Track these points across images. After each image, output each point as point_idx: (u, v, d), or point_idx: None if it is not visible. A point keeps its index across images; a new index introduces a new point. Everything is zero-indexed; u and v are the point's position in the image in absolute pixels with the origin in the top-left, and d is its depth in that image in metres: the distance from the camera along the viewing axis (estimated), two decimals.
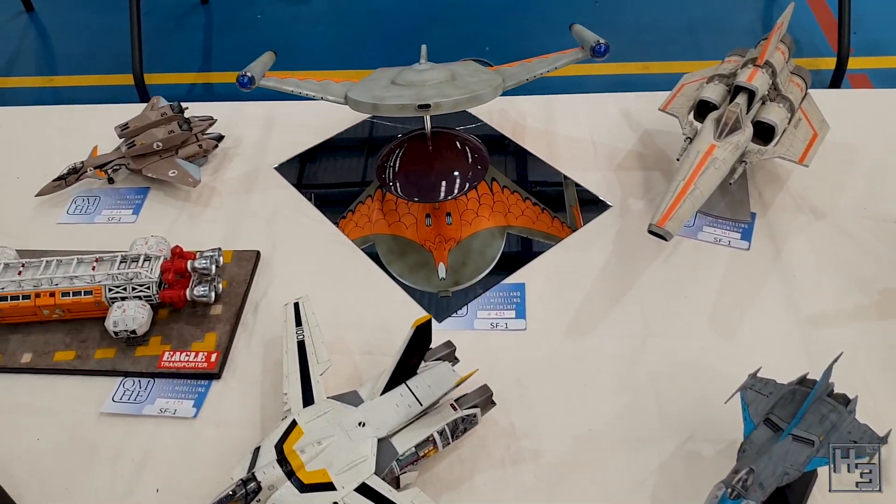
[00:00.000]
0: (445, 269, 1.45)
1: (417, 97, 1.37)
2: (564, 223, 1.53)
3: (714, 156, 1.28)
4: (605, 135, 1.66)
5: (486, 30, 3.30)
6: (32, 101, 3.14)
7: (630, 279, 1.37)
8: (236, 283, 1.39)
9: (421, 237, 1.51)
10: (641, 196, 1.52)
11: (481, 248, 1.49)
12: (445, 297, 1.41)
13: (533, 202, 1.59)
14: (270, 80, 1.45)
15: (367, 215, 1.59)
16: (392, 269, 1.46)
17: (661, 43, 3.06)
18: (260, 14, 3.56)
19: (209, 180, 1.61)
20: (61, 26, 3.68)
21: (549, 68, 1.44)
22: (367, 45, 3.29)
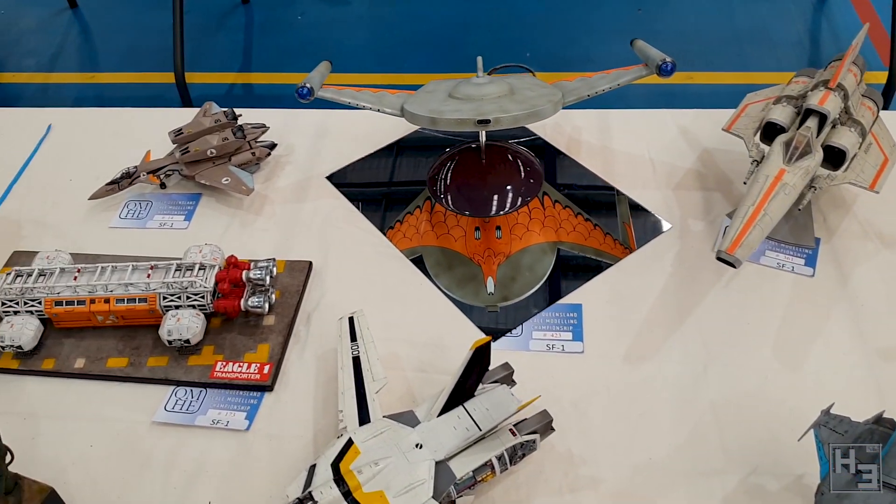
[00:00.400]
0: (494, 283, 1.43)
1: (477, 112, 1.35)
2: (617, 241, 1.50)
3: (784, 181, 1.24)
4: (663, 152, 1.63)
5: (527, 36, 3.28)
6: (74, 97, 3.23)
7: (690, 303, 1.33)
8: (289, 293, 1.38)
9: (470, 250, 1.49)
10: (702, 217, 1.48)
11: (531, 263, 1.47)
12: (493, 311, 1.39)
13: (585, 218, 1.56)
14: (328, 92, 1.43)
15: (416, 227, 1.57)
16: (439, 282, 1.44)
17: (705, 53, 3.03)
18: (300, 15, 3.58)
19: (261, 188, 1.60)
20: (104, 23, 3.72)
21: (610, 85, 1.41)
22: (407, 50, 3.29)
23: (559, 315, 1.35)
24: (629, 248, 1.48)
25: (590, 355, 1.28)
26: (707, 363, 1.25)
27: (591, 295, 1.37)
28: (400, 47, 3.33)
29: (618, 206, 1.57)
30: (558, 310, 1.36)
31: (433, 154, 1.65)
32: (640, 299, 1.35)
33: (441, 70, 3.09)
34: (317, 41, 3.38)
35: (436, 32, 3.39)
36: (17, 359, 1.30)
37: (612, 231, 1.52)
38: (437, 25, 3.44)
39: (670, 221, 1.49)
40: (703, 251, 1.42)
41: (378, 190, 1.66)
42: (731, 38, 3.13)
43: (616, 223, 1.53)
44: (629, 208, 1.55)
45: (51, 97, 3.28)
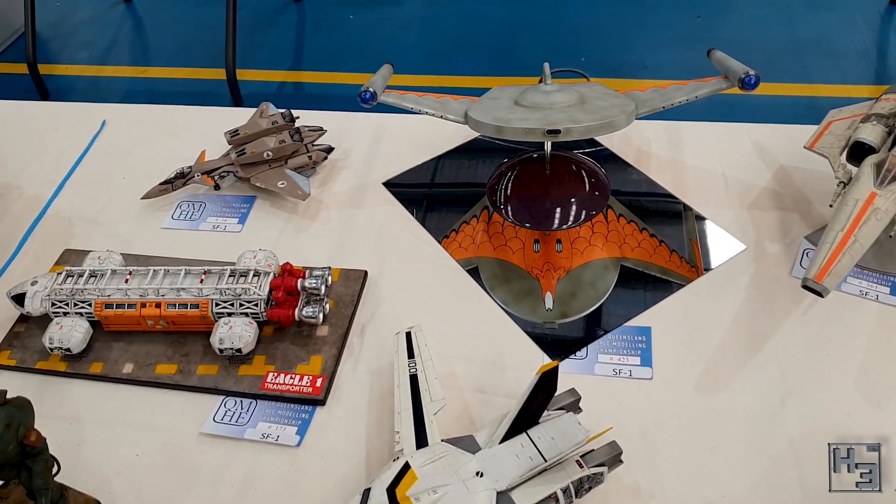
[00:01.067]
0: (553, 299, 1.36)
1: (546, 121, 1.28)
2: (683, 259, 1.43)
3: (875, 205, 1.16)
4: (736, 168, 1.55)
5: (581, 40, 3.24)
6: (125, 91, 3.27)
7: (766, 330, 1.26)
8: (343, 303, 1.33)
9: (528, 264, 1.43)
10: (778, 239, 1.40)
11: (592, 279, 1.41)
12: (551, 328, 1.33)
13: (650, 234, 1.49)
14: (390, 96, 1.38)
15: (472, 237, 1.51)
16: (495, 296, 1.39)
17: (766, 63, 2.87)
18: (352, 15, 3.57)
19: (317, 193, 1.56)
20: (156, 18, 3.76)
21: (687, 97, 1.34)
22: (458, 51, 3.26)
23: (627, 338, 1.28)
24: (695, 266, 1.41)
25: (659, 382, 1.21)
26: (785, 395, 1.17)
27: (661, 317, 1.30)
28: (451, 49, 3.30)
29: (684, 222, 1.50)
30: (626, 332, 1.29)
31: (492, 162, 1.60)
32: (712, 324, 1.28)
33: (493, 73, 3.11)
34: (367, 41, 3.38)
35: (488, 34, 3.36)
36: (65, 361, 1.27)
37: (678, 248, 1.45)
38: (489, 27, 3.40)
39: (745, 242, 1.41)
40: (779, 275, 1.34)
41: (435, 198, 1.61)
42: (792, 49, 3.06)
43: (682, 240, 1.46)
44: (696, 225, 1.48)
45: (102, 91, 3.32)
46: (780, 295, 1.30)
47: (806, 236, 1.39)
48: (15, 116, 1.87)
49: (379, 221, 1.50)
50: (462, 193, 1.63)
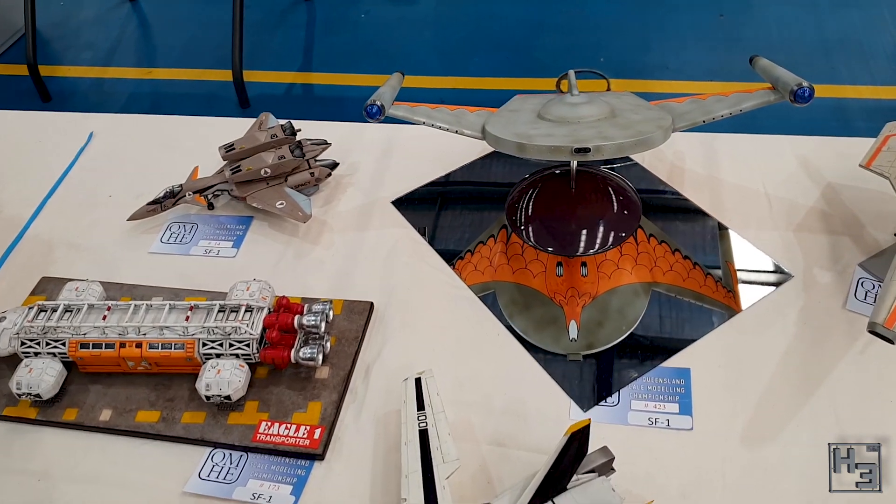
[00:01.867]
0: (577, 328, 1.23)
1: (574, 138, 1.15)
2: (719, 283, 1.29)
3: None
4: (780, 186, 1.40)
5: (601, 40, 3.13)
6: (129, 93, 3.18)
7: (820, 372, 1.11)
8: (346, 340, 1.20)
9: (550, 289, 1.30)
10: (829, 266, 1.26)
11: (621, 306, 1.27)
12: (575, 360, 1.19)
13: (683, 255, 1.36)
14: (400, 109, 1.25)
15: (489, 258, 1.38)
16: (514, 324, 1.25)
17: (792, 64, 2.71)
18: (364, 14, 3.47)
19: (319, 213, 1.43)
20: (162, 18, 3.69)
21: (731, 110, 1.20)
22: (474, 52, 3.16)
23: (663, 381, 1.14)
24: (732, 291, 1.27)
25: (700, 433, 1.07)
26: (841, 437, 1.03)
27: (701, 357, 1.16)
28: (466, 49, 3.20)
29: (719, 241, 1.36)
30: (662, 374, 1.15)
31: (513, 176, 1.47)
32: (759, 364, 1.14)
33: (510, 74, 3.02)
34: (380, 41, 3.28)
35: (504, 34, 3.26)
36: (35, 406, 1.14)
37: (713, 272, 1.31)
38: (505, 26, 3.30)
39: (792, 270, 1.27)
40: (832, 308, 1.20)
41: (449, 217, 1.47)
42: (819, 49, 2.95)
43: (718, 262, 1.33)
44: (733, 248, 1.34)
45: (105, 93, 3.24)
46: (833, 331, 1.16)
47: (860, 263, 1.25)
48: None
49: (387, 245, 1.37)
50: (479, 211, 1.49)
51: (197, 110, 2.97)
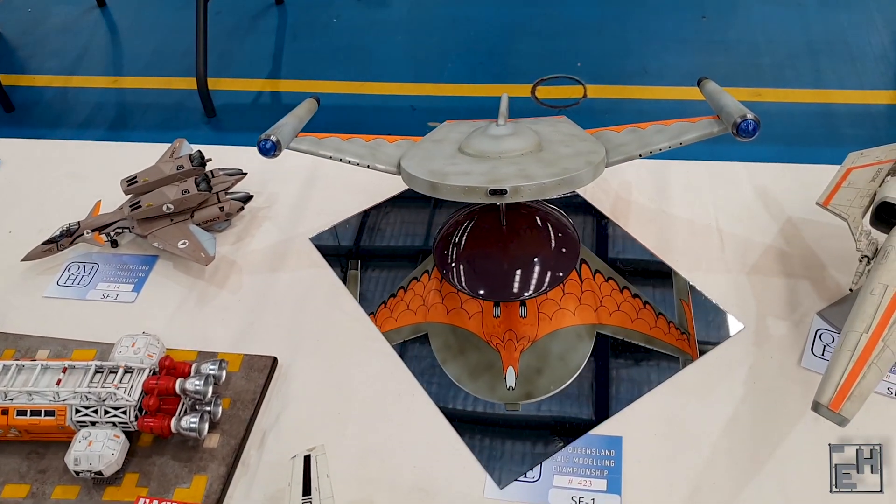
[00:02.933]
0: (515, 375, 1.12)
1: (491, 177, 1.02)
2: (672, 323, 1.17)
3: None
4: (735, 221, 1.28)
5: (579, 43, 3.02)
6: (94, 102, 3.07)
7: (769, 443, 0.99)
8: (241, 403, 1.08)
9: (487, 331, 1.18)
10: (785, 315, 1.13)
11: (562, 352, 1.16)
12: (513, 411, 1.09)
13: (632, 293, 1.23)
14: (304, 143, 1.13)
15: (422, 296, 1.26)
16: (448, 370, 1.14)
17: (777, 67, 2.76)
18: (336, 18, 3.38)
19: (229, 252, 1.30)
20: (132, 24, 3.58)
21: (669, 143, 1.07)
22: (448, 57, 3.06)
23: (592, 452, 1.02)
24: (686, 333, 1.16)
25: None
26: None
27: (636, 422, 1.04)
28: (440, 54, 3.10)
29: (674, 279, 1.24)
30: (591, 443, 1.03)
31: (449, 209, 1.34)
32: (700, 433, 1.01)
33: (485, 80, 2.91)
34: (351, 46, 3.18)
35: (479, 38, 3.16)
36: None
37: (665, 311, 1.19)
38: (481, 31, 3.20)
39: (743, 320, 1.14)
40: (786, 365, 1.08)
41: (375, 255, 1.34)
42: (805, 51, 2.86)
43: (671, 301, 1.21)
44: (688, 285, 1.22)
45: (70, 102, 3.13)
46: (786, 393, 1.04)
47: (819, 312, 1.13)
48: None
49: (300, 289, 1.24)
50: (410, 245, 1.37)
51: (163, 121, 2.91)
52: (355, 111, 2.73)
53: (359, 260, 1.32)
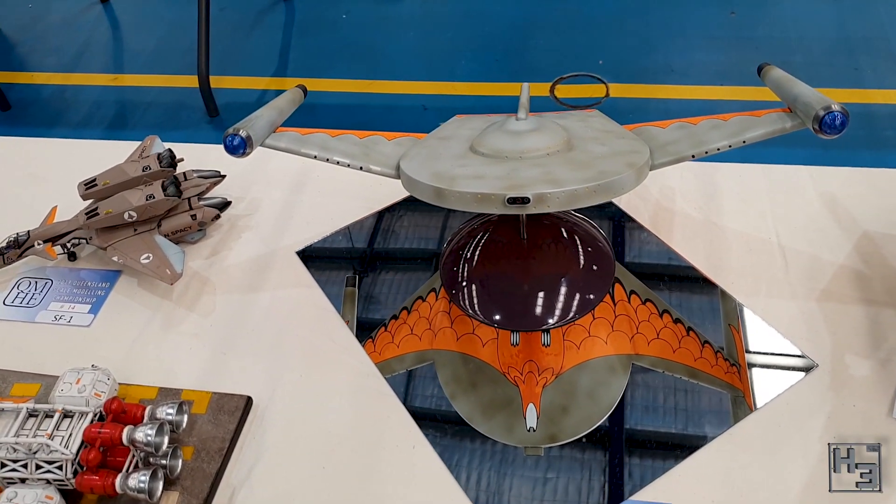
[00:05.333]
0: (537, 414, 0.95)
1: (509, 183, 0.83)
2: (720, 352, 0.99)
3: None
4: (799, 235, 1.08)
5: (599, 40, 2.90)
6: (93, 101, 2.98)
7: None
8: (207, 453, 0.89)
9: (503, 362, 1.01)
10: (868, 353, 0.94)
11: (592, 386, 0.98)
12: (535, 455, 0.91)
13: (674, 318, 1.05)
14: (283, 139, 0.95)
15: (428, 318, 1.08)
16: (457, 407, 0.97)
17: (811, 65, 2.62)
18: (345, 14, 3.27)
19: (202, 267, 1.12)
20: (134, 19, 3.49)
21: (730, 142, 0.88)
22: (462, 53, 2.94)
23: None
24: (736, 365, 0.97)
25: None
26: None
27: (685, 484, 0.84)
28: (453, 51, 2.98)
29: (721, 302, 1.05)
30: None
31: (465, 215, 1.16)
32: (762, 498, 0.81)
33: (500, 79, 2.78)
34: (360, 43, 3.07)
35: (495, 35, 3.04)
36: None
37: (712, 339, 1.01)
38: (496, 26, 3.08)
39: (816, 357, 0.94)
40: (872, 414, 0.88)
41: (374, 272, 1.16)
42: (841, 48, 2.72)
43: (718, 326, 1.03)
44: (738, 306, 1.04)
45: (67, 101, 3.02)
46: None
47: None
48: None
49: (283, 313, 1.06)
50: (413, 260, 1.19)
51: (163, 120, 2.84)
52: (364, 111, 2.61)
53: (356, 276, 1.14)
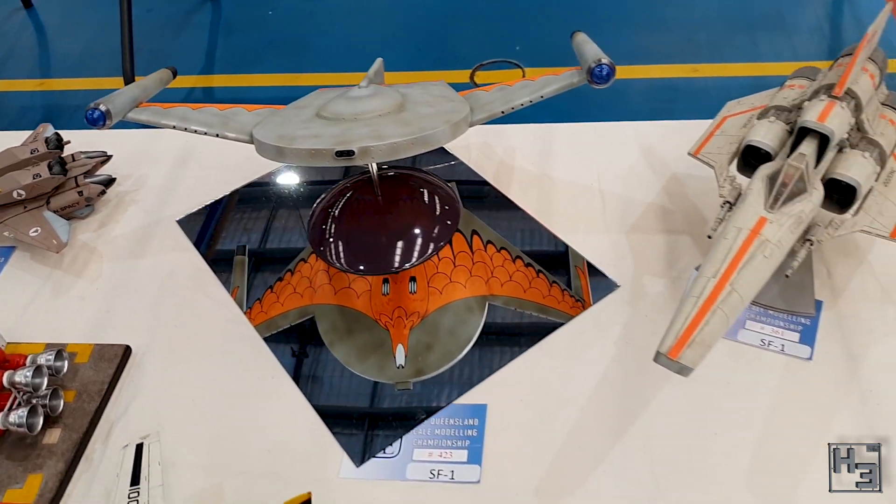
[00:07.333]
0: (405, 352, 1.07)
1: (340, 139, 0.96)
2: (566, 290, 1.13)
3: (763, 236, 0.85)
4: (616, 181, 1.23)
5: (519, 27, 2.97)
6: (19, 107, 2.96)
7: (636, 403, 0.95)
8: (88, 394, 1.01)
9: (375, 310, 1.13)
10: (663, 273, 1.09)
11: (453, 325, 1.11)
12: (405, 390, 1.03)
13: (525, 262, 1.19)
14: (145, 113, 1.06)
15: (310, 278, 1.20)
16: (335, 353, 1.09)
17: (714, 43, 2.72)
18: (271, 11, 3.29)
19: (90, 238, 1.23)
20: (60, 24, 3.47)
21: (531, 98, 1.02)
22: (387, 44, 2.99)
23: (455, 422, 0.97)
24: (581, 300, 1.11)
25: (489, 487, 0.90)
26: (654, 497, 0.87)
27: (502, 389, 0.99)
28: (379, 43, 3.02)
29: (570, 250, 1.19)
30: (455, 414, 0.98)
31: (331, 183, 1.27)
32: (568, 396, 0.97)
33: (424, 68, 2.84)
34: (287, 38, 3.11)
35: (419, 26, 3.10)
36: None
37: (560, 279, 1.15)
38: (421, 18, 3.15)
39: (619, 279, 1.09)
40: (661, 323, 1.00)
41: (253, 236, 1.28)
42: (742, 26, 2.82)
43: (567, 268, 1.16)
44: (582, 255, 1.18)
45: None
46: None
47: (697, 267, 1.08)
48: None
49: (162, 275, 1.18)
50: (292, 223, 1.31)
51: None
52: None
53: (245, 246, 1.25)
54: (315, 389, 1.03)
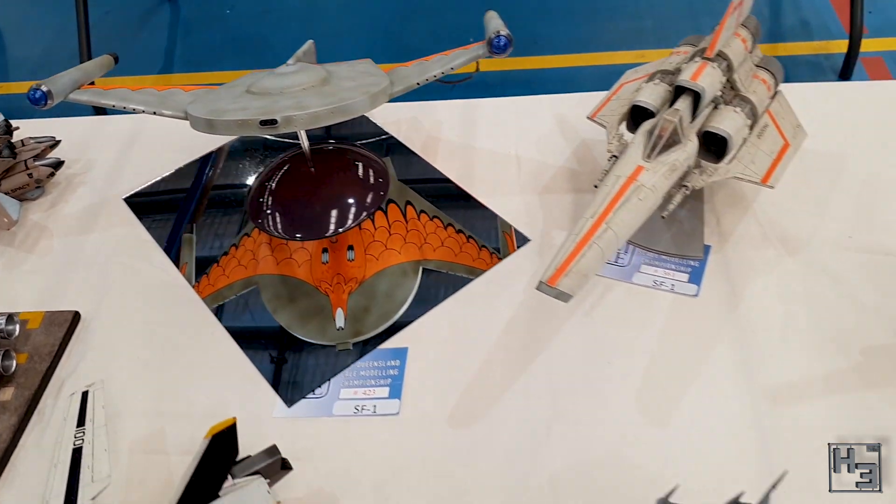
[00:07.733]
0: (344, 316, 1.15)
1: (265, 111, 1.05)
2: (494, 253, 1.22)
3: (639, 181, 0.95)
4: (532, 148, 1.34)
5: (472, 19, 2.94)
6: None
7: (541, 340, 1.05)
8: (39, 356, 1.09)
9: (315, 277, 1.21)
10: (568, 226, 1.19)
11: (389, 289, 1.19)
12: (345, 350, 1.11)
13: (456, 229, 1.28)
14: (86, 94, 1.15)
15: (253, 251, 1.28)
16: (279, 319, 1.17)
17: (660, 29, 2.82)
18: (229, 9, 3.34)
19: (41, 217, 1.31)
20: (17, 27, 3.49)
21: (443, 68, 1.13)
22: (343, 39, 3.05)
23: (378, 364, 1.07)
24: None
25: (407, 417, 1.00)
26: (552, 421, 0.97)
27: (423, 333, 1.09)
28: (335, 37, 3.07)
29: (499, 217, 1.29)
30: (379, 357, 1.07)
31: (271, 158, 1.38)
32: (480, 338, 1.07)
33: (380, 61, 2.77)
34: (245, 36, 3.17)
35: (374, 20, 3.18)
36: None
37: (489, 242, 1.24)
38: (375, 13, 3.23)
39: (530, 234, 1.20)
40: None
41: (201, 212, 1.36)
42: (687, 13, 2.92)
43: (495, 233, 1.25)
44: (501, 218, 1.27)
45: None
46: None
47: None
48: None
49: (110, 248, 1.26)
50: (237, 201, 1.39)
51: None
52: None
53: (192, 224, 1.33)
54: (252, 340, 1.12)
